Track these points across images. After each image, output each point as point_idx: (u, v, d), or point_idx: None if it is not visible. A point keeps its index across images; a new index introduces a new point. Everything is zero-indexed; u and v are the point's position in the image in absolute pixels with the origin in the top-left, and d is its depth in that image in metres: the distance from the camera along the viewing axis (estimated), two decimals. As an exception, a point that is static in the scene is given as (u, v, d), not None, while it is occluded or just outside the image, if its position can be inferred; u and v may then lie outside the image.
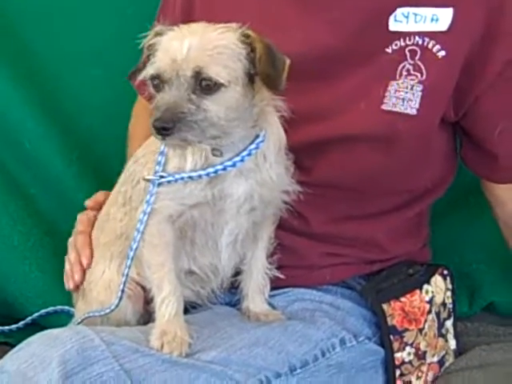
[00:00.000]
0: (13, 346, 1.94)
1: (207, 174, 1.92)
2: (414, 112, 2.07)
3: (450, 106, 2.11)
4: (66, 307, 2.47)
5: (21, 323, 2.49)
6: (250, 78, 1.85)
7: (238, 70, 1.82)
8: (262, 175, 1.95)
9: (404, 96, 2.07)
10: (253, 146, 1.92)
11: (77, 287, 2.20)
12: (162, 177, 1.94)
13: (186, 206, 1.94)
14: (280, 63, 1.83)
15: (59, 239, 2.64)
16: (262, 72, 1.82)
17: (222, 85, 1.79)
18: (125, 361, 1.82)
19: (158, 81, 1.82)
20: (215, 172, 1.91)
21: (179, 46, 1.80)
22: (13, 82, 2.67)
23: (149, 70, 1.84)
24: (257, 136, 1.93)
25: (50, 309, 2.52)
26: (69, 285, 2.22)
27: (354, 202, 2.17)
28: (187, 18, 2.19)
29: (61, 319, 2.45)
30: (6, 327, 2.48)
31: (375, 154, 2.09)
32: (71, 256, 2.23)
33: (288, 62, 1.84)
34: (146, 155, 2.05)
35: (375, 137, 2.08)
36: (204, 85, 1.78)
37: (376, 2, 2.08)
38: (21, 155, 2.70)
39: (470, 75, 2.07)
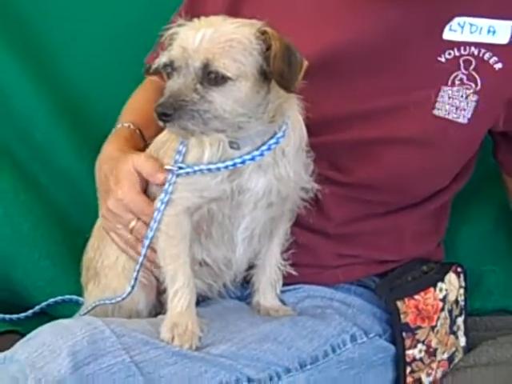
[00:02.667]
0: (21, 334, 1.94)
1: (226, 167, 1.91)
2: (465, 121, 2.07)
3: (501, 117, 2.11)
4: (75, 296, 2.48)
5: (29, 312, 2.50)
6: (265, 75, 1.83)
7: (249, 65, 1.81)
8: (279, 170, 1.94)
9: (458, 105, 2.07)
10: (273, 141, 1.91)
11: None
12: (180, 168, 1.93)
13: (204, 198, 1.93)
14: (297, 63, 1.81)
15: (69, 229, 2.67)
16: (275, 70, 1.80)
17: (228, 78, 1.78)
18: (135, 353, 1.82)
19: (170, 69, 1.82)
20: (234, 165, 1.90)
21: (192, 37, 1.80)
22: (24, 76, 2.66)
23: (161, 59, 1.84)
24: (278, 131, 1.92)
25: (59, 298, 2.53)
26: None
27: (383, 203, 2.16)
28: (233, 9, 2.17)
29: (69, 308, 2.46)
30: (15, 315, 2.48)
31: (422, 157, 2.09)
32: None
33: (306, 63, 1.83)
34: (167, 142, 2.03)
35: (424, 141, 2.08)
36: (211, 76, 1.78)
37: (434, 9, 2.06)
38: (32, 146, 2.70)
39: None
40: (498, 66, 2.06)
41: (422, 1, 2.06)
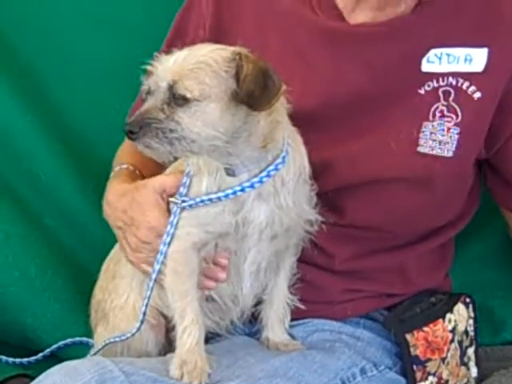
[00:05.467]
0: (32, 377, 1.94)
1: (226, 196, 1.91)
2: (451, 154, 2.06)
3: (482, 144, 2.10)
4: (85, 338, 2.47)
5: (40, 355, 2.50)
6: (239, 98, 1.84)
7: (216, 86, 1.82)
8: (279, 199, 1.95)
9: (441, 139, 2.06)
10: (271, 168, 1.92)
11: None
12: (183, 201, 1.94)
13: (210, 234, 1.94)
14: (274, 86, 1.82)
15: (77, 271, 2.67)
16: (243, 90, 1.80)
17: (190, 99, 1.80)
18: None
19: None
20: (234, 193, 1.91)
21: (167, 61, 1.85)
22: (28, 117, 2.68)
23: (144, 86, 1.89)
24: (275, 158, 1.93)
25: (69, 340, 2.53)
26: None
27: (384, 240, 2.16)
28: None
29: (79, 350, 2.45)
30: (25, 359, 2.48)
31: (411, 195, 2.08)
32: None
33: (284, 87, 1.84)
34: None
35: (411, 179, 2.07)
36: (177, 97, 1.81)
37: (409, 44, 2.07)
38: (37, 187, 2.71)
39: (503, 114, 2.07)
40: (477, 95, 2.05)
41: (396, 39, 2.08)
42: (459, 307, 2.23)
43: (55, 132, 2.72)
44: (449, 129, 2.05)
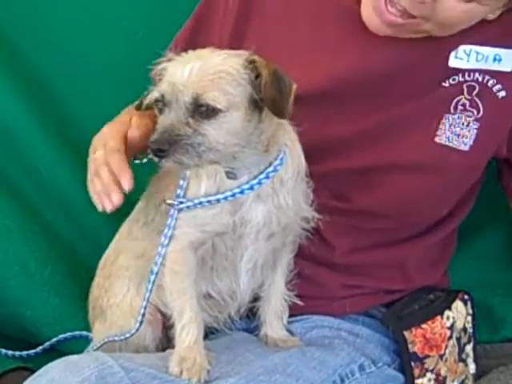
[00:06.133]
0: (32, 371, 1.94)
1: (225, 198, 1.91)
2: (467, 148, 2.08)
3: (504, 144, 2.12)
4: (84, 332, 2.47)
5: (39, 348, 2.50)
6: (255, 104, 1.84)
7: (239, 95, 1.82)
8: (278, 200, 1.95)
9: (459, 132, 2.07)
10: (270, 169, 1.92)
11: (114, 209, 1.98)
12: (181, 202, 1.94)
13: (207, 233, 1.94)
14: (286, 87, 1.81)
15: (76, 265, 2.67)
16: (267, 97, 1.80)
17: (219, 110, 1.79)
18: None
19: (161, 104, 1.83)
20: (233, 195, 1.91)
21: (181, 71, 1.81)
22: (29, 113, 2.68)
23: (153, 94, 1.85)
24: (274, 160, 1.93)
25: (68, 334, 2.53)
26: (105, 206, 1.98)
27: (386, 231, 2.17)
28: (237, 40, 2.19)
29: (78, 344, 2.45)
30: (25, 352, 2.48)
31: (423, 184, 2.10)
32: (103, 174, 1.98)
33: (294, 86, 1.83)
34: (169, 175, 2.04)
35: (425, 168, 2.08)
36: (202, 110, 1.78)
37: (439, 39, 2.06)
38: (38, 182, 2.71)
39: None
40: (502, 94, 2.07)
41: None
42: (457, 304, 2.24)
43: (57, 127, 2.71)
44: (468, 123, 2.07)
